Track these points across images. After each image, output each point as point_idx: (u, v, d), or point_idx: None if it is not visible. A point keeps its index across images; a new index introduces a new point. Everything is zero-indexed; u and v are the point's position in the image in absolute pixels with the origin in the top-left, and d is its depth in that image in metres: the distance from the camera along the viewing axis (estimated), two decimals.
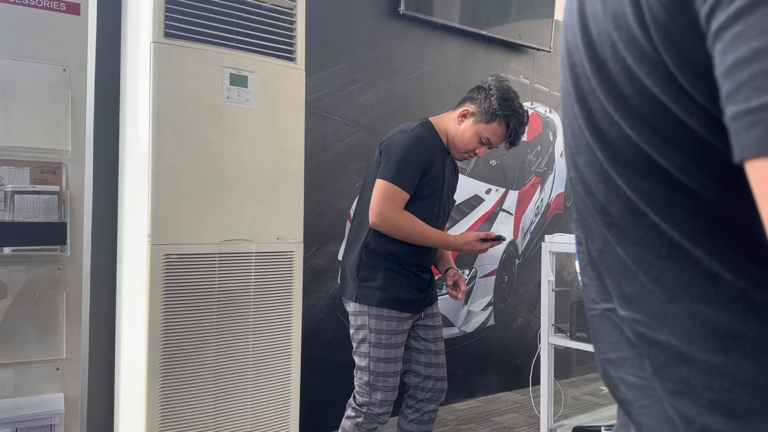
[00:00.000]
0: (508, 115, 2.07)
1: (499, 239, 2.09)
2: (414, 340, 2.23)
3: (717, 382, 0.42)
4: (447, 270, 2.33)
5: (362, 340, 2.11)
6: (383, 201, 2.04)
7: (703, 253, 0.42)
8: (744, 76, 0.31)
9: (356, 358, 2.13)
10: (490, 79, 2.16)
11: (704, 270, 0.42)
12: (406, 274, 2.13)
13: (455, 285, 2.27)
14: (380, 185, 2.06)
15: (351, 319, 2.16)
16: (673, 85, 0.39)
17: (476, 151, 2.13)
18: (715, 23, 0.33)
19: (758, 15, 0.31)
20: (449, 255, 2.39)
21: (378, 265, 2.12)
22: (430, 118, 2.21)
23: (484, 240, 2.09)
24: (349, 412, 2.16)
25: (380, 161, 2.10)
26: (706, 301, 0.42)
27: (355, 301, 2.13)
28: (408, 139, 2.08)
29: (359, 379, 2.12)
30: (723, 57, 0.33)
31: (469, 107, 2.12)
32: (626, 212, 0.46)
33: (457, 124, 2.14)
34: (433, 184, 2.12)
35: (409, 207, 2.09)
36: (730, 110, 0.32)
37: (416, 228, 2.07)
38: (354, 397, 2.15)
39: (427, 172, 2.09)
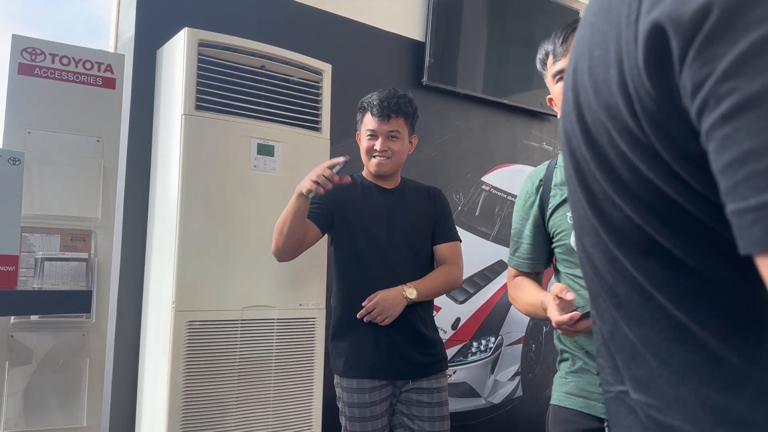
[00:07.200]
0: (364, 99, 2.15)
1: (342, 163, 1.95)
2: (407, 418, 2.05)
3: None
4: None
5: (341, 412, 2.05)
6: None
7: (710, 335, 0.41)
8: (739, 176, 0.33)
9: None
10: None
11: (711, 353, 0.41)
12: (375, 335, 2.01)
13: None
14: None
15: None
16: (668, 171, 0.40)
17: (374, 148, 2.11)
18: (705, 123, 0.35)
19: (744, 119, 0.32)
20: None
21: (344, 328, 2.06)
22: None
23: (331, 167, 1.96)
24: None
25: None
26: (714, 386, 0.41)
27: (332, 371, 2.09)
28: None
29: None
30: (717, 155, 0.34)
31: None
32: (633, 293, 0.46)
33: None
34: (356, 222, 2.08)
35: (343, 250, 2.09)
36: (730, 206, 0.34)
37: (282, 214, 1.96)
38: None
39: (338, 209, 2.09)
